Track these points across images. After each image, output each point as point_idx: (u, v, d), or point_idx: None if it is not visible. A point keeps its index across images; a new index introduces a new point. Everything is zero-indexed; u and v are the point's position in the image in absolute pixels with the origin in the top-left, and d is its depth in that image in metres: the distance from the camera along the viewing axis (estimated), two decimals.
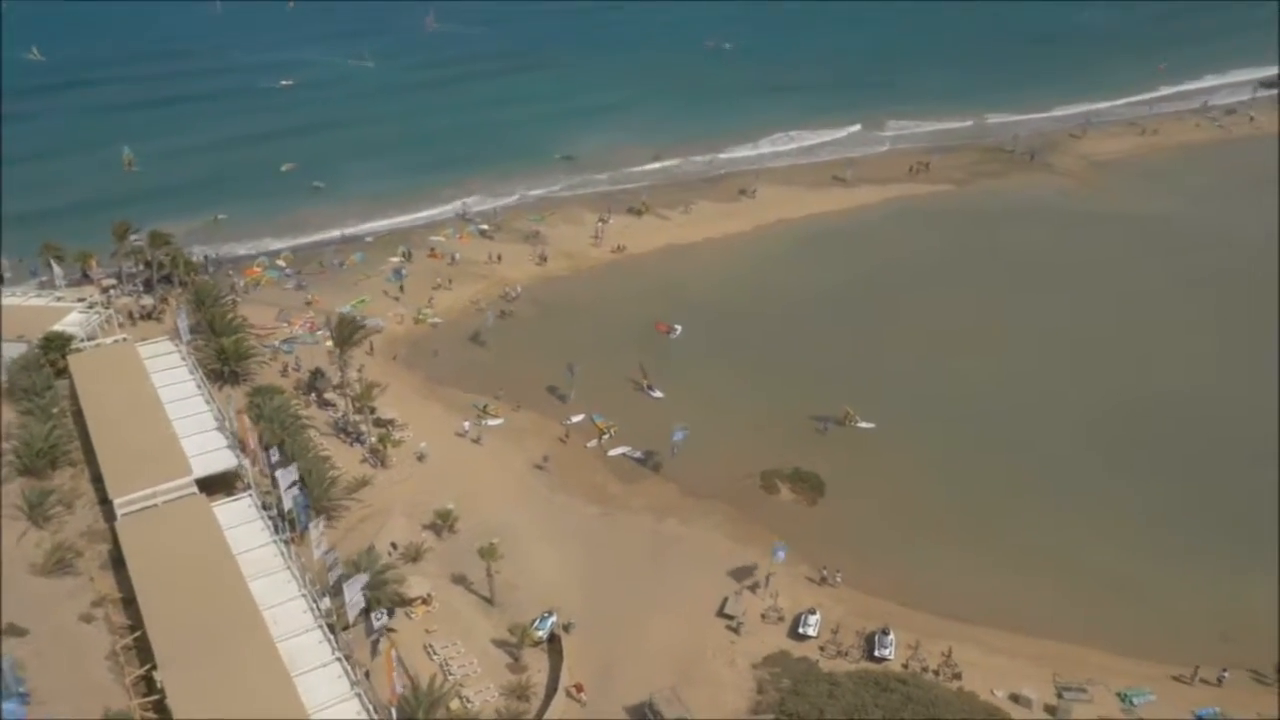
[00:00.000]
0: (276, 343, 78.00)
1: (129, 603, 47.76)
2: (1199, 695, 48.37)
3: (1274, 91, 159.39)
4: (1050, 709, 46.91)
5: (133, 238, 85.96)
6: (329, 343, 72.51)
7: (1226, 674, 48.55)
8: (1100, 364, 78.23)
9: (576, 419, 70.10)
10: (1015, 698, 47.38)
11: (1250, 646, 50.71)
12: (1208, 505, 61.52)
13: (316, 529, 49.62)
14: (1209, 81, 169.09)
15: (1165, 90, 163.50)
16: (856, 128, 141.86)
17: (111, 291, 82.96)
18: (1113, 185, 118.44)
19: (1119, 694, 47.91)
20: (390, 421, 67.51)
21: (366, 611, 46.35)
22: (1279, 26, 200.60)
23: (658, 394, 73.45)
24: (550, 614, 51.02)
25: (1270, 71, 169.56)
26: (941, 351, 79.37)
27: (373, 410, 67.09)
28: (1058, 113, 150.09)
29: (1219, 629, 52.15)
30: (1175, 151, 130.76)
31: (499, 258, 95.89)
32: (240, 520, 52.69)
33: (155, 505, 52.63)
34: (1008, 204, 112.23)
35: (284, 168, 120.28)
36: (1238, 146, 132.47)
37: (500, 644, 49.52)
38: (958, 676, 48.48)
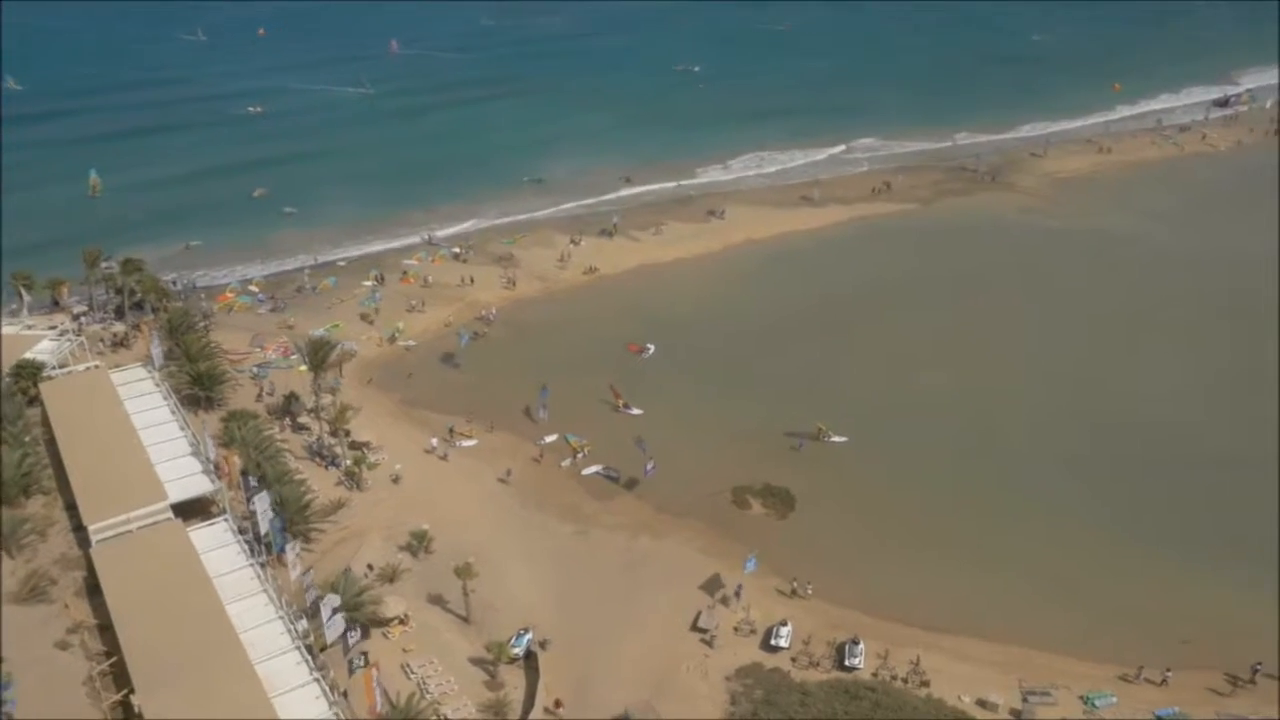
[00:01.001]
0: (250, 368, 78.27)
1: (105, 629, 47.88)
2: (1159, 696, 49.82)
3: (1226, 111, 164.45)
4: (1015, 713, 48.17)
5: (104, 265, 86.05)
6: (303, 367, 72.94)
7: (1170, 674, 50.14)
8: (1062, 376, 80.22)
9: (550, 439, 70.91)
10: (982, 703, 48.61)
11: (1207, 649, 52.27)
12: (1166, 515, 63.29)
13: (293, 551, 50.10)
14: (1163, 100, 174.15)
15: (1122, 109, 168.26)
16: (823, 148, 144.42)
17: (83, 319, 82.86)
18: (1073, 202, 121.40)
19: (1082, 697, 49.23)
20: (365, 444, 68.00)
21: (344, 632, 46.77)
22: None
23: (635, 411, 74.33)
24: (526, 631, 51.68)
25: (1221, 91, 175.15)
26: (909, 366, 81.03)
27: (347, 433, 67.62)
28: (1020, 133, 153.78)
29: (1179, 633, 53.67)
30: (1132, 169, 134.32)
31: (471, 280, 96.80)
32: (216, 544, 52.96)
33: (130, 531, 52.75)
34: (971, 222, 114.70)
35: (255, 193, 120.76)
36: (1191, 163, 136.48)
37: (477, 662, 50.08)
38: (926, 684, 49.60)
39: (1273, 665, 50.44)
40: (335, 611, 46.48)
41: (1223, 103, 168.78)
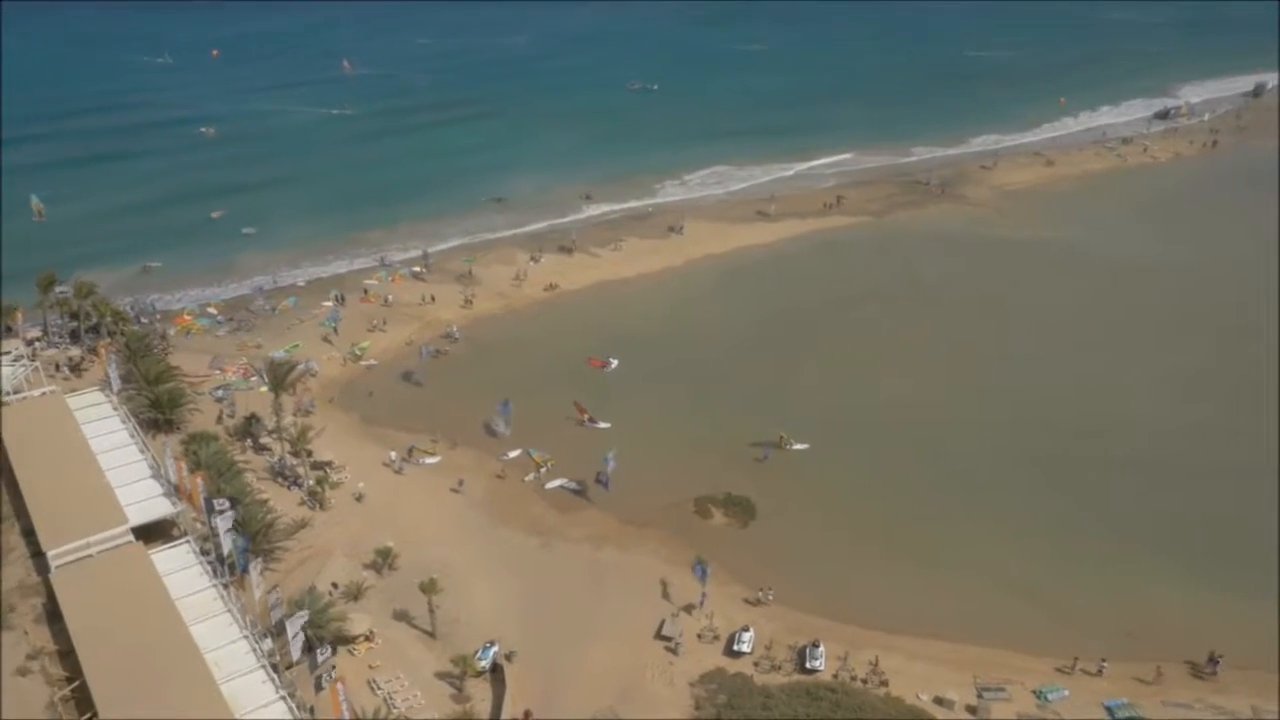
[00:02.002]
0: (210, 390, 77.97)
1: (66, 655, 47.56)
2: (1110, 688, 51.41)
3: (1167, 123, 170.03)
4: (971, 709, 49.48)
5: (59, 289, 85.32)
6: (263, 389, 72.88)
7: (1106, 664, 51.92)
8: (1012, 381, 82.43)
9: (513, 454, 71.49)
10: (939, 700, 49.86)
11: (1151, 642, 53.99)
12: (1112, 514, 65.16)
13: (256, 571, 50.17)
14: (1106, 113, 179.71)
15: (1068, 123, 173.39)
16: (780, 164, 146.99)
17: (37, 344, 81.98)
18: (1021, 213, 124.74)
19: (1034, 691, 50.71)
20: (328, 464, 68.10)
21: (310, 649, 46.94)
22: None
23: (603, 425, 75.02)
24: (492, 644, 52.14)
25: (1162, 104, 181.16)
26: (865, 375, 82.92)
27: (309, 453, 67.66)
28: (971, 147, 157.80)
29: (1125, 628, 55.45)
30: (1077, 181, 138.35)
31: (432, 299, 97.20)
32: (179, 566, 52.84)
33: (90, 555, 52.48)
34: (923, 233, 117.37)
35: (214, 215, 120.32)
36: (1134, 175, 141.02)
37: (443, 676, 50.41)
38: (885, 683, 50.81)
39: (1232, 657, 51.89)
40: (304, 628, 46.68)
41: (1163, 115, 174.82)
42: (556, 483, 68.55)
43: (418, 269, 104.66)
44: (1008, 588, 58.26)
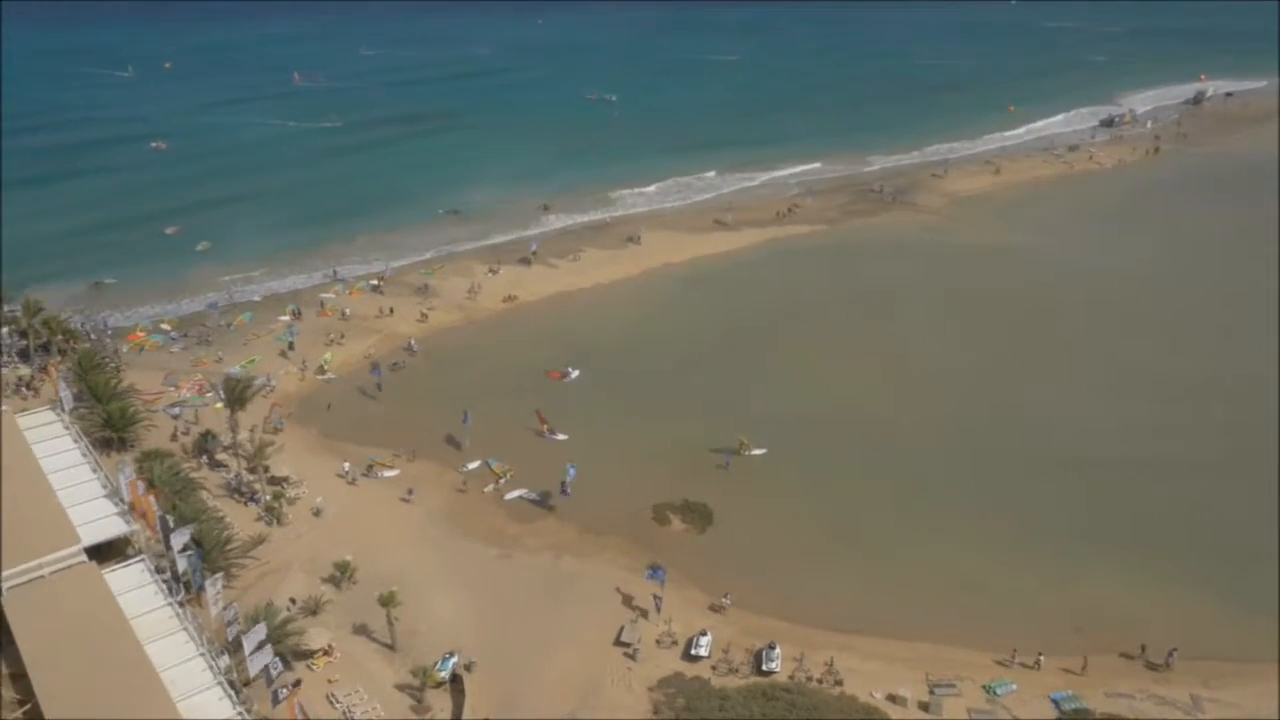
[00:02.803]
0: (164, 407, 77.33)
1: (18, 678, 47.01)
2: (1057, 681, 52.79)
3: (1112, 131, 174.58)
4: (923, 705, 50.58)
5: (6, 308, 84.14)
6: (219, 404, 72.49)
7: (1042, 657, 53.26)
8: (963, 384, 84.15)
9: (473, 465, 71.77)
10: (892, 698, 50.93)
11: (1098, 636, 55.53)
12: (1060, 511, 66.91)
13: (213, 588, 50.03)
14: (1054, 121, 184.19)
15: (1017, 130, 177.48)
16: (737, 173, 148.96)
17: None
18: (971, 220, 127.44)
19: (984, 686, 51.98)
20: (285, 479, 67.88)
21: (266, 665, 46.90)
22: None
23: (560, 436, 75.53)
24: (452, 655, 52.38)
25: (1107, 112, 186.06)
26: (821, 380, 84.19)
27: (266, 469, 67.42)
28: (925, 155, 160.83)
29: (1072, 623, 57.01)
30: (1026, 187, 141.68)
31: (391, 311, 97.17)
32: (133, 585, 52.39)
33: (42, 576, 51.90)
34: (877, 241, 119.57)
35: (167, 231, 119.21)
36: (1080, 181, 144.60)
37: (403, 688, 50.58)
38: (839, 683, 51.76)
39: (1186, 649, 53.30)
40: (262, 644, 46.66)
41: (1109, 123, 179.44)
42: (516, 493, 68.92)
43: (375, 282, 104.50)
44: (960, 585, 59.41)
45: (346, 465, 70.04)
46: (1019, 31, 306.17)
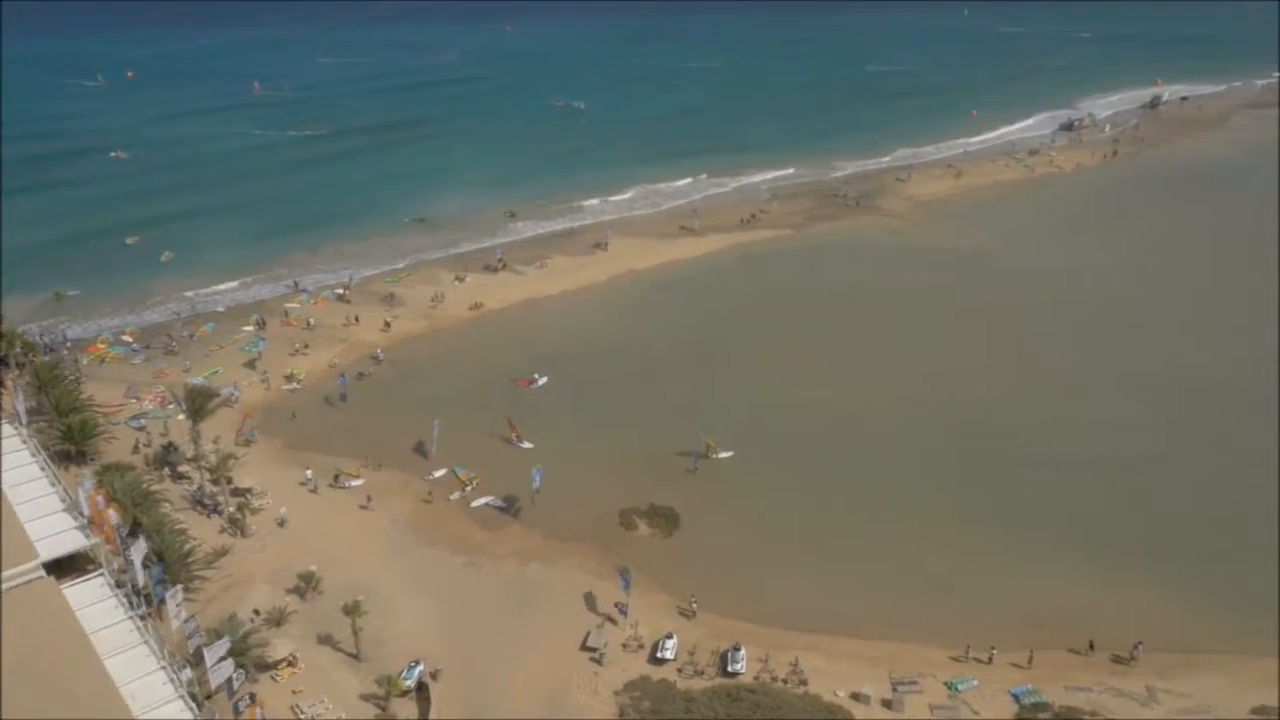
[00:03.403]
0: (126, 419, 76.53)
1: None
2: (1018, 676, 53.62)
3: (1072, 134, 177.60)
4: (886, 703, 51.20)
5: None
6: (181, 416, 71.89)
7: (995, 651, 54.13)
8: (926, 385, 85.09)
9: (439, 474, 71.66)
10: (856, 696, 51.51)
11: (1059, 630, 56.46)
12: (1022, 511, 67.85)
13: (174, 600, 49.63)
14: (1016, 126, 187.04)
15: (980, 134, 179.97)
16: (704, 179, 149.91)
17: None
18: (934, 223, 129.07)
19: (946, 683, 52.71)
20: (248, 490, 67.46)
21: (228, 676, 46.63)
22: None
23: (527, 445, 75.51)
24: (417, 663, 52.30)
25: (1067, 116, 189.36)
26: (787, 383, 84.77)
27: (229, 480, 66.93)
28: (890, 159, 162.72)
29: (1033, 617, 57.92)
30: (988, 190, 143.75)
31: (356, 320, 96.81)
32: (93, 600, 51.68)
33: None
34: (843, 244, 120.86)
35: (128, 241, 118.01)
36: (1040, 184, 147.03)
37: (368, 697, 50.44)
38: (804, 682, 52.29)
39: (1151, 643, 54.42)
40: (225, 656, 46.36)
41: (1068, 127, 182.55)
42: (482, 500, 68.91)
43: (341, 291, 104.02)
44: (925, 584, 60.12)
45: (309, 473, 69.68)
46: (982, 38, 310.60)
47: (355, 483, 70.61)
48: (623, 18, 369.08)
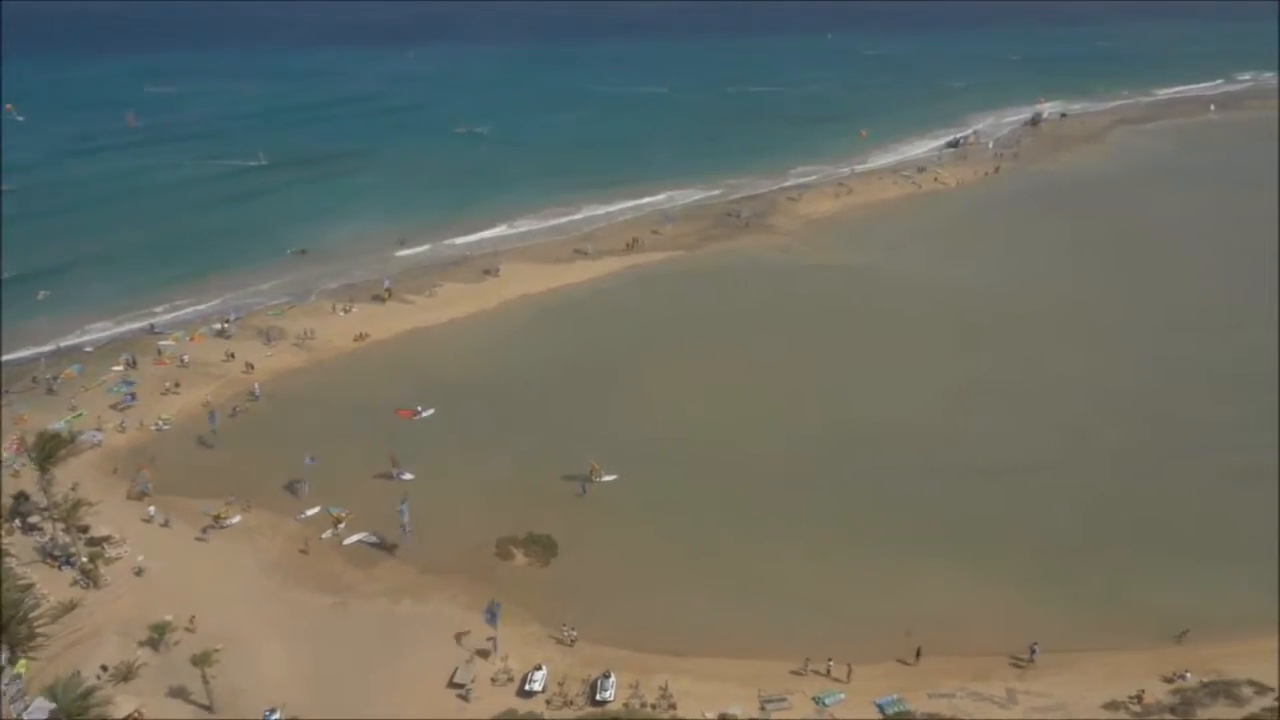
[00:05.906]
0: None
1: None
2: (882, 686, 54.36)
3: (957, 151, 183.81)
4: None
5: None
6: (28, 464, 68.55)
7: (831, 662, 54.90)
8: (812, 401, 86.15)
9: (311, 512, 69.66)
10: (724, 717, 51.57)
11: (927, 638, 57.31)
12: (899, 521, 68.92)
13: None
14: (906, 144, 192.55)
15: (872, 153, 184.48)
16: (601, 203, 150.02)
17: None
18: (823, 240, 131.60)
19: (814, 698, 53.16)
20: (105, 539, 64.55)
21: None
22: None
23: (408, 476, 73.99)
24: (274, 711, 50.56)
25: (955, 134, 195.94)
26: (674, 403, 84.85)
27: (84, 530, 63.96)
28: (783, 180, 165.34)
29: (903, 627, 58.75)
30: (876, 207, 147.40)
31: (233, 356, 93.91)
32: None
33: None
34: (732, 264, 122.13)
35: None
36: (925, 200, 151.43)
37: None
38: (673, 706, 52.16)
39: (1046, 644, 55.70)
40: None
41: (954, 144, 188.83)
42: (355, 537, 67.22)
43: (220, 326, 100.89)
44: (796, 602, 60.27)
45: (151, 509, 67.21)
46: (875, 61, 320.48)
47: (232, 520, 68.16)
48: (527, 45, 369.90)
